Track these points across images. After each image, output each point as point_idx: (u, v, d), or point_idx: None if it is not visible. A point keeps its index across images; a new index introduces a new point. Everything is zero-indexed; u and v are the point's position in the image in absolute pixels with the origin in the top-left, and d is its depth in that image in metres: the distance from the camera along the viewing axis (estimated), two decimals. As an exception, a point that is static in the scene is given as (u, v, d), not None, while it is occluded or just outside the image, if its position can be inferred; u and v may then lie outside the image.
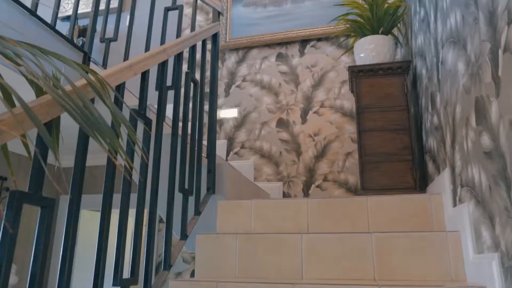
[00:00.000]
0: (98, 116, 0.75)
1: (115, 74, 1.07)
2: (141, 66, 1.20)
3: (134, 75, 1.17)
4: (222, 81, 3.10)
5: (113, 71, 1.07)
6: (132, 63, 1.16)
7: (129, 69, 1.14)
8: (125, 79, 1.12)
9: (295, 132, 2.80)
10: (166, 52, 1.39)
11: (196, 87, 1.72)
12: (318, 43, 2.96)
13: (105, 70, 1.06)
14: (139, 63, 1.19)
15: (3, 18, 1.71)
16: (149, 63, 1.26)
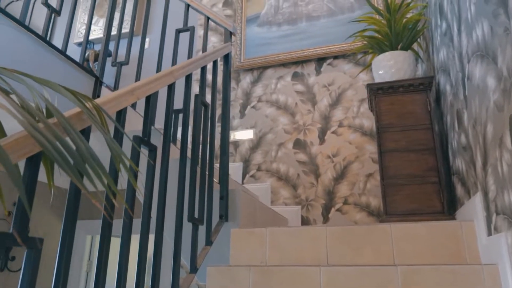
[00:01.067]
0: (85, 150, 0.68)
1: (115, 99, 1.01)
2: (144, 90, 1.14)
3: (137, 100, 1.10)
4: (237, 102, 3.04)
5: (112, 96, 1.01)
6: (135, 87, 1.10)
7: (130, 94, 1.08)
8: (126, 104, 1.06)
9: (313, 153, 2.70)
10: (172, 74, 1.32)
11: (206, 109, 1.65)
12: (335, 61, 2.88)
13: (104, 96, 0.99)
14: (142, 87, 1.13)
15: (14, 45, 1.69)
16: (154, 86, 1.20)
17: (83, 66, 2.05)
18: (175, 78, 1.34)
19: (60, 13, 1.94)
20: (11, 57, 1.67)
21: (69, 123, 0.71)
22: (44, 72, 1.83)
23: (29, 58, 1.76)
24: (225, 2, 3.43)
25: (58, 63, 1.90)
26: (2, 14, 1.62)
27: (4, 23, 1.64)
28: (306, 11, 3.07)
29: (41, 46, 1.81)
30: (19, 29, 1.70)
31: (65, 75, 1.95)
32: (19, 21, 1.69)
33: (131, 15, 2.28)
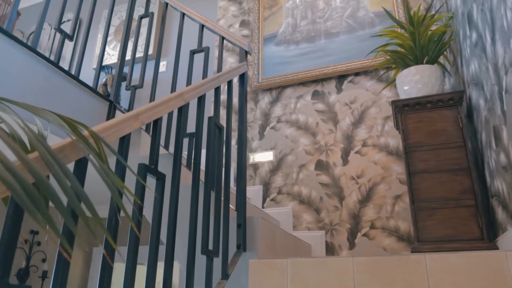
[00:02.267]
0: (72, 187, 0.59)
1: (116, 125, 0.93)
2: (150, 115, 1.06)
3: (141, 125, 1.02)
4: (256, 123, 2.95)
5: (114, 122, 0.93)
6: (139, 112, 1.02)
7: (134, 119, 1.00)
8: (130, 130, 0.98)
9: (336, 174, 2.57)
10: (182, 97, 1.24)
11: (221, 132, 1.57)
12: (356, 78, 2.77)
13: (105, 122, 0.91)
14: (147, 112, 1.05)
15: (25, 71, 1.66)
16: (161, 110, 1.12)
17: (96, 91, 2.01)
18: (185, 100, 1.26)
19: (72, 38, 1.91)
20: (22, 83, 1.64)
21: (53, 156, 0.62)
22: (56, 98, 1.79)
23: (40, 84, 1.73)
24: (242, 22, 3.39)
25: (70, 88, 1.86)
26: (12, 40, 1.59)
27: (15, 48, 1.61)
28: (325, 28, 2.99)
29: (52, 72, 1.78)
30: (30, 55, 1.68)
31: (78, 100, 1.91)
32: (29, 46, 1.67)
33: (145, 39, 2.25)
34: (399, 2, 2.80)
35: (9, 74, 1.58)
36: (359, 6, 2.95)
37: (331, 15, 3.01)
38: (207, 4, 3.66)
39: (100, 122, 2.07)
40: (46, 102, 1.73)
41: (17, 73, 1.62)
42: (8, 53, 1.58)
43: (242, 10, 3.44)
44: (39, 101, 1.70)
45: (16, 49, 1.62)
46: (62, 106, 1.82)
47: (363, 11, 2.92)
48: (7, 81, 1.57)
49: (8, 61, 1.58)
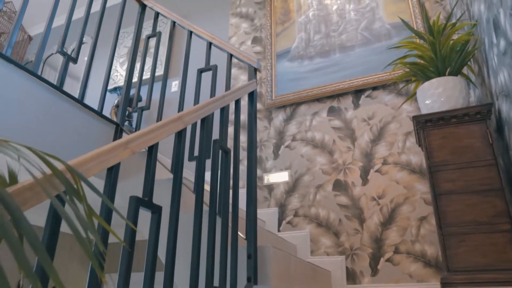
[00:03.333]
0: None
1: (100, 156, 0.83)
2: (142, 142, 0.96)
3: (132, 153, 0.92)
4: (270, 142, 2.84)
5: (99, 152, 0.84)
6: (130, 139, 0.92)
7: (124, 148, 0.90)
8: (117, 160, 0.88)
9: (356, 195, 2.42)
10: (182, 120, 1.15)
11: (227, 156, 1.46)
12: (374, 92, 2.63)
13: (87, 154, 0.82)
14: (140, 138, 0.95)
15: (26, 96, 1.60)
16: (157, 136, 1.02)
17: (101, 114, 1.94)
18: (185, 123, 1.16)
19: (76, 61, 1.86)
20: (22, 108, 1.57)
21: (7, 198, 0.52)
22: (59, 122, 1.72)
23: (43, 108, 1.66)
24: (254, 39, 3.32)
25: (74, 112, 1.80)
26: (12, 65, 1.54)
27: (14, 73, 1.55)
28: (339, 42, 2.88)
29: (55, 96, 1.72)
30: (31, 79, 1.62)
31: (83, 124, 1.85)
32: (30, 70, 1.61)
33: (153, 59, 2.18)
34: (417, 12, 2.68)
35: (8, 99, 1.52)
36: (374, 18, 2.83)
37: (346, 28, 2.90)
38: (219, 22, 3.61)
39: (107, 144, 2.00)
40: (49, 126, 1.67)
41: (16, 98, 1.56)
42: (6, 78, 1.53)
43: (254, 27, 3.37)
44: (41, 126, 1.64)
45: (16, 74, 1.56)
46: (66, 131, 1.75)
47: (379, 23, 2.80)
48: (6, 106, 1.51)
49: (6, 86, 1.53)
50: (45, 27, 1.72)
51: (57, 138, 1.71)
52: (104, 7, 2.07)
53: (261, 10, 3.41)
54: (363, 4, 2.92)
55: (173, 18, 2.21)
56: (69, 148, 1.76)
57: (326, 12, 3.04)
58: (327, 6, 3.06)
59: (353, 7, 2.95)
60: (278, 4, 3.28)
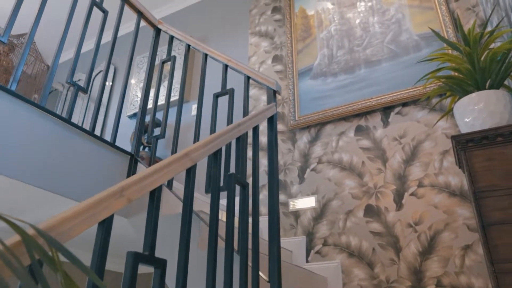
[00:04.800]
0: None
1: (89, 209, 0.71)
2: (142, 187, 0.83)
3: (128, 202, 0.80)
4: (295, 165, 2.68)
5: (87, 204, 0.71)
6: (125, 185, 0.79)
7: (119, 195, 0.78)
8: (110, 211, 0.75)
9: (390, 221, 2.22)
10: (189, 157, 1.02)
11: (245, 190, 1.32)
12: (405, 109, 2.45)
13: (73, 207, 0.70)
14: (138, 184, 0.82)
15: (33, 129, 1.52)
16: (159, 178, 0.89)
17: (113, 145, 1.84)
18: (193, 161, 1.03)
19: (86, 91, 1.78)
20: (29, 144, 1.49)
21: None
22: (69, 154, 1.63)
23: (51, 141, 1.58)
24: (274, 57, 3.20)
25: (84, 143, 1.71)
26: (18, 99, 1.46)
27: (20, 107, 1.48)
28: (364, 57, 2.72)
29: (64, 128, 1.63)
30: (38, 113, 1.54)
31: (94, 156, 1.75)
32: (37, 104, 1.53)
33: (167, 84, 2.09)
34: (447, 21, 2.50)
35: (13, 134, 1.44)
36: (401, 29, 2.67)
37: (370, 42, 2.74)
38: (239, 42, 3.52)
39: (121, 177, 1.90)
40: (57, 161, 1.58)
41: (22, 132, 1.48)
42: (12, 113, 1.45)
43: (274, 45, 3.26)
44: (50, 160, 1.55)
45: (22, 108, 1.48)
46: (76, 163, 1.66)
47: (406, 35, 2.63)
48: (10, 141, 1.43)
49: (12, 121, 1.45)
50: (52, 61, 1.65)
51: (67, 172, 1.61)
52: (116, 37, 1.99)
53: (280, 28, 3.30)
54: (388, 16, 2.76)
55: (187, 42, 2.12)
56: (81, 182, 1.66)
57: (349, 26, 2.90)
58: (349, 20, 2.92)
59: (378, 19, 2.79)
60: (298, 20, 3.17)
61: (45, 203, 1.77)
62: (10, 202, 1.67)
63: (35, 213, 1.82)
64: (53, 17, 4.01)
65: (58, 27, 4.16)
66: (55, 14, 4.00)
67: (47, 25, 4.13)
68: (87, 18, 1.89)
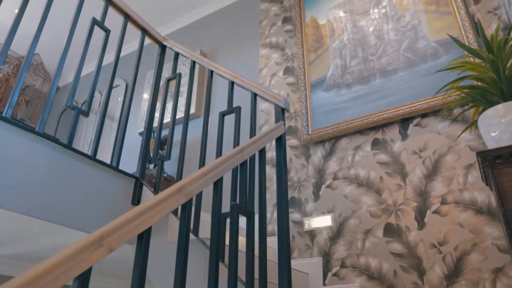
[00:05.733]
0: None
1: (62, 265, 0.61)
2: (126, 232, 0.74)
3: (109, 252, 0.70)
4: (309, 181, 2.56)
5: (58, 260, 0.62)
6: (105, 232, 0.70)
7: (97, 245, 0.68)
8: (88, 264, 0.66)
9: (411, 241, 2.07)
10: (184, 191, 0.92)
11: (250, 219, 1.21)
12: (424, 120, 2.31)
13: (40, 264, 0.61)
14: (121, 229, 0.73)
15: (32, 156, 1.45)
16: (147, 219, 0.80)
17: (117, 169, 1.77)
18: (189, 195, 0.94)
19: (88, 114, 1.71)
20: (27, 171, 1.42)
21: None
22: (69, 180, 1.56)
23: (50, 167, 1.51)
24: (286, 69, 3.11)
25: (85, 168, 1.64)
26: (14, 126, 1.40)
27: (16, 135, 1.42)
28: (379, 66, 2.59)
29: (63, 154, 1.56)
30: (36, 139, 1.48)
31: (96, 180, 1.68)
32: (35, 131, 1.47)
33: (173, 102, 2.02)
34: (467, 26, 2.36)
35: (9, 162, 1.38)
36: (417, 36, 2.54)
37: (385, 50, 2.62)
38: (249, 54, 3.44)
39: (126, 202, 1.82)
40: (57, 187, 1.51)
41: (18, 159, 1.41)
42: (7, 140, 1.39)
43: (285, 57, 3.16)
44: (49, 187, 1.48)
45: (18, 135, 1.42)
46: (78, 190, 1.59)
47: (423, 42, 2.50)
48: (6, 169, 1.36)
49: (7, 149, 1.38)
50: (50, 88, 1.59)
51: (68, 201, 1.54)
52: (118, 58, 1.93)
53: (291, 39, 3.21)
54: (403, 23, 2.63)
55: (192, 58, 2.04)
56: (83, 210, 1.59)
57: (362, 34, 2.78)
58: (362, 28, 2.80)
59: (392, 26, 2.67)
60: (310, 30, 3.07)
61: (49, 232, 1.71)
62: (10, 233, 1.61)
63: (38, 242, 1.76)
64: (62, 36, 4.01)
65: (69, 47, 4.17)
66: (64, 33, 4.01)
67: (55, 45, 4.14)
68: (88, 38, 1.83)
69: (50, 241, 1.75)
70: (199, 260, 1.46)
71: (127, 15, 2.07)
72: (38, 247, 1.81)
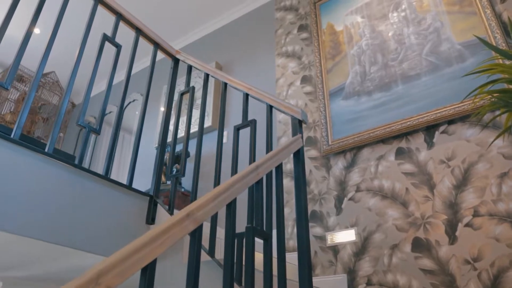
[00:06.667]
0: None
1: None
2: (126, 268, 0.67)
3: (106, 293, 0.63)
4: (331, 194, 2.46)
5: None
6: (102, 270, 0.63)
7: (94, 285, 0.61)
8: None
9: (442, 257, 1.94)
10: (192, 217, 0.84)
11: (267, 243, 1.13)
12: (451, 127, 2.18)
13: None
14: (118, 266, 0.66)
15: (42, 180, 1.41)
16: (150, 253, 0.72)
17: (130, 187, 1.72)
18: (198, 221, 0.86)
19: (99, 132, 1.67)
20: (39, 195, 1.38)
21: None
22: (82, 203, 1.51)
23: (60, 188, 1.46)
24: (303, 78, 3.02)
25: (97, 188, 1.59)
26: (23, 147, 1.36)
27: (28, 156, 1.38)
28: (401, 71, 2.48)
29: (74, 174, 1.51)
30: (46, 160, 1.43)
31: (109, 199, 1.63)
32: (43, 151, 1.42)
33: (186, 118, 1.96)
34: (493, 26, 2.23)
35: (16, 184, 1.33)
36: (440, 39, 2.42)
37: (407, 55, 2.51)
38: (265, 64, 3.38)
39: (140, 222, 1.76)
40: (67, 209, 1.46)
41: (27, 182, 1.37)
42: (14, 161, 1.35)
43: (302, 65, 3.08)
44: (58, 209, 1.43)
45: (26, 156, 1.38)
46: (89, 211, 1.53)
47: (447, 44, 2.38)
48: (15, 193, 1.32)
49: (15, 171, 1.34)
50: (59, 107, 1.55)
51: (79, 222, 1.49)
52: (129, 75, 1.89)
53: (308, 47, 3.13)
54: (425, 25, 2.52)
55: (205, 70, 1.99)
56: (95, 231, 1.53)
57: (382, 39, 2.68)
58: (381, 33, 2.70)
59: (413, 30, 2.56)
60: (327, 37, 2.98)
61: (59, 256, 1.66)
62: (18, 256, 1.56)
63: (47, 266, 1.71)
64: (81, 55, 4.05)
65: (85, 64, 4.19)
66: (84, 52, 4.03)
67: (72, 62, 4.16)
68: (98, 54, 1.79)
69: (62, 265, 1.70)
70: (215, 283, 1.38)
71: (139, 29, 2.03)
72: (49, 270, 1.76)
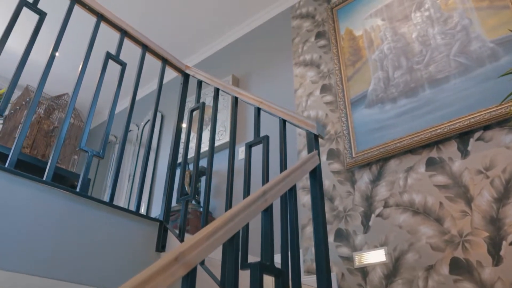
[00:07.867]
0: None
1: None
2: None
3: None
4: (357, 210, 2.28)
5: None
6: None
7: None
8: None
9: (486, 280, 1.73)
10: (181, 261, 0.71)
11: (279, 279, 0.98)
12: (487, 133, 1.98)
13: None
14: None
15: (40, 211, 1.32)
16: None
17: (137, 213, 1.61)
18: (188, 266, 0.72)
19: (103, 156, 1.57)
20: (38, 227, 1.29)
21: None
22: (86, 233, 1.41)
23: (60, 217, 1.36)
24: (322, 87, 2.87)
25: (101, 215, 1.48)
26: (18, 176, 1.28)
27: (25, 186, 1.29)
28: (427, 75, 2.30)
29: (76, 202, 1.42)
30: (44, 188, 1.34)
31: (116, 226, 1.53)
32: (41, 180, 1.33)
33: (197, 136, 1.85)
34: (529, 20, 2.02)
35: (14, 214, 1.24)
36: (469, 37, 2.22)
37: (433, 57, 2.32)
38: (283, 75, 3.25)
39: (149, 250, 1.65)
40: (67, 237, 1.36)
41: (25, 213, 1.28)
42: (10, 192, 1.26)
43: (321, 74, 2.93)
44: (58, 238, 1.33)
45: (23, 186, 1.29)
46: (92, 239, 1.43)
47: (478, 43, 2.18)
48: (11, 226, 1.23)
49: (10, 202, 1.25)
50: (59, 131, 1.47)
51: (80, 252, 1.38)
52: (135, 93, 1.80)
53: (326, 54, 2.98)
54: (451, 24, 2.33)
55: (215, 85, 1.88)
56: (101, 263, 1.42)
57: (405, 42, 2.50)
58: (404, 35, 2.52)
59: (439, 29, 2.37)
60: (346, 43, 2.83)
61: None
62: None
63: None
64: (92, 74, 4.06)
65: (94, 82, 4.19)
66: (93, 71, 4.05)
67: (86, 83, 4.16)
68: (101, 73, 1.71)
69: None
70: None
71: (145, 45, 1.95)
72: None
